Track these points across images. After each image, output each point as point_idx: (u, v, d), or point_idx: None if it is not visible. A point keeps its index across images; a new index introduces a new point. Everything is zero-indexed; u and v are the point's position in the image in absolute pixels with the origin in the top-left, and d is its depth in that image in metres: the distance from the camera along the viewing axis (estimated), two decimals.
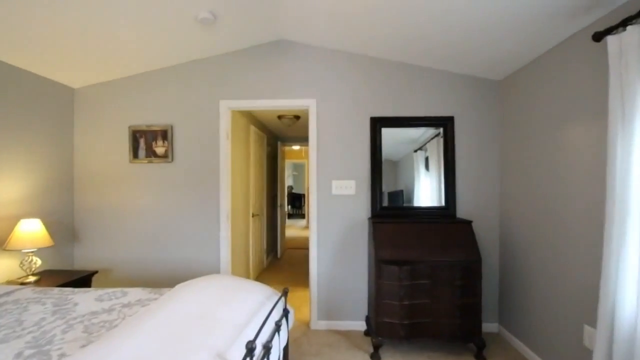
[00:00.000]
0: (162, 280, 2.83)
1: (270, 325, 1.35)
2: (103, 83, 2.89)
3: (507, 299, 2.57)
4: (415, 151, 2.82)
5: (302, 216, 11.05)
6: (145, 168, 2.85)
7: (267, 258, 5.01)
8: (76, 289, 1.73)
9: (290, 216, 11.15)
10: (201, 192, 2.81)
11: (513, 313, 2.48)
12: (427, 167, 2.80)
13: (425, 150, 2.84)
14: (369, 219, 2.63)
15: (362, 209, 2.75)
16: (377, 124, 2.74)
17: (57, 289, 1.73)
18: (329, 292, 2.76)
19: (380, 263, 2.27)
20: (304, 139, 6.09)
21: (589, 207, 1.74)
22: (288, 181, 11.32)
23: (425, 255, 2.27)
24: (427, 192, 2.77)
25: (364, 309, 2.74)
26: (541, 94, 2.17)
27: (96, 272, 2.51)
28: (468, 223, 2.43)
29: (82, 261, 2.89)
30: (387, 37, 2.39)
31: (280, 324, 1.35)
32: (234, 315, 1.14)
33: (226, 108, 2.79)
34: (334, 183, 2.76)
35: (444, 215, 2.68)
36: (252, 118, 4.10)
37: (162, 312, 1.09)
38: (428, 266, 2.25)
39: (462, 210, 2.71)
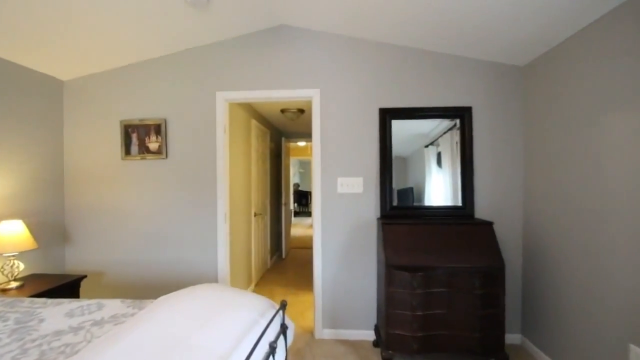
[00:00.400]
0: (157, 284, 2.66)
1: (263, 348, 1.14)
2: (93, 75, 2.71)
3: (532, 309, 2.32)
4: (427, 146, 2.57)
5: (309, 214, 10.86)
6: (138, 165, 2.68)
7: (271, 258, 4.83)
8: (49, 300, 1.56)
9: (296, 214, 10.97)
10: (197, 191, 2.63)
11: (539, 324, 2.23)
12: (439, 163, 2.56)
13: (437, 146, 2.60)
14: (378, 219, 2.41)
15: (371, 209, 2.52)
16: (387, 115, 2.50)
17: (28, 300, 1.56)
18: (334, 298, 2.55)
19: (390, 269, 2.05)
20: (309, 135, 5.87)
21: (635, 206, 1.48)
22: (294, 179, 11.13)
23: (441, 261, 2.04)
24: (439, 190, 2.53)
25: (372, 317, 2.53)
26: (573, 80, 1.90)
27: (84, 276, 2.34)
28: (489, 224, 2.19)
29: (73, 264, 2.74)
30: (397, 21, 2.15)
31: (275, 345, 1.14)
32: (215, 342, 0.94)
33: (223, 100, 2.59)
34: (340, 180, 2.54)
35: (460, 216, 2.44)
36: (253, 112, 3.90)
37: (128, 338, 0.90)
38: (444, 273, 2.02)
39: (481, 210, 2.46)
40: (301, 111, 3.94)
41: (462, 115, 2.48)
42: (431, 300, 2.01)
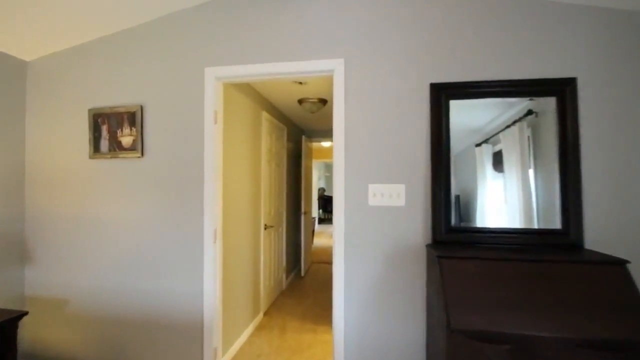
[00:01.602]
0: (129, 321, 2.04)
1: None
2: (60, 53, 2.17)
3: None
4: (478, 145, 1.74)
5: None
6: (108, 165, 2.08)
7: (287, 277, 4.13)
8: None
9: (321, 221, 10.26)
10: (181, 201, 1.98)
11: None
12: (497, 166, 1.72)
13: (494, 144, 1.76)
14: (429, 247, 1.61)
15: (417, 230, 1.73)
16: (442, 94, 1.71)
17: None
18: (362, 357, 1.78)
19: (455, 336, 1.25)
20: None
21: None
22: (319, 183, 10.45)
23: (542, 326, 1.21)
24: (499, 202, 1.69)
25: None
26: None
27: (25, 313, 1.75)
28: (621, 264, 1.32)
29: (34, 288, 2.19)
30: None
31: None
32: None
33: (213, 78, 1.93)
34: (372, 188, 1.77)
35: (558, 246, 1.58)
36: (264, 102, 3.23)
37: None
38: (549, 346, 1.19)
39: (596, 237, 1.58)
40: (323, 101, 3.22)
41: (559, 92, 1.63)
42: None
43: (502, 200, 1.72)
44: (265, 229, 3.17)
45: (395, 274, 1.75)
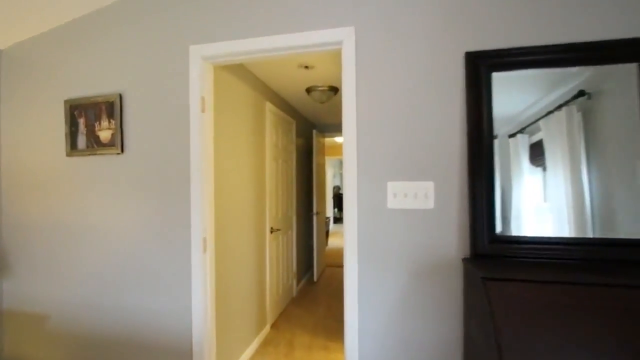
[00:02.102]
0: (111, 342, 1.78)
1: None
2: (35, 39, 1.93)
3: None
4: (512, 135, 1.35)
5: None
6: (86, 164, 1.82)
7: (298, 283, 3.82)
8: None
9: (336, 220, 9.92)
10: (166, 204, 1.69)
11: None
12: (537, 160, 1.33)
13: (530, 134, 1.36)
14: (468, 261, 1.24)
15: (450, 239, 1.37)
16: (482, 64, 1.33)
17: None
18: None
19: None
20: None
21: None
22: (334, 181, 10.11)
23: None
24: (536, 203, 1.30)
25: None
26: None
27: None
28: None
29: (12, 301, 1.97)
30: None
31: None
32: None
33: (199, 58, 1.62)
34: (392, 187, 1.42)
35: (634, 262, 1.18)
36: (267, 91, 2.92)
37: None
38: None
39: None
40: (333, 90, 2.87)
41: None
42: None
43: (542, 201, 1.34)
44: (271, 232, 2.87)
45: (420, 295, 1.39)
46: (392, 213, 1.42)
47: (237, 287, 2.22)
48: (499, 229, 1.30)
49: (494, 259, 1.25)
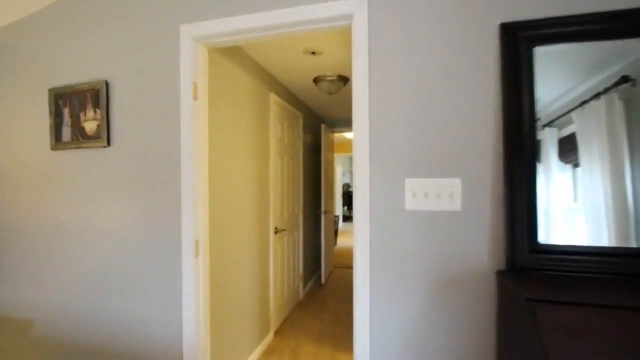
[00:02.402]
0: (103, 350, 1.63)
1: None
2: (17, 24, 1.78)
3: None
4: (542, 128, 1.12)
5: None
6: (72, 158, 1.67)
7: (305, 286, 3.64)
8: None
9: (345, 219, 9.71)
10: (154, 203, 1.52)
11: None
12: (567, 156, 1.11)
13: (559, 127, 1.13)
14: (504, 275, 1.03)
15: (481, 247, 1.15)
16: (522, 38, 1.11)
17: None
18: None
19: None
20: None
21: None
22: (343, 179, 9.89)
23: None
24: (566, 206, 1.08)
25: None
26: None
27: None
28: None
29: (4, 305, 1.84)
30: None
31: None
32: None
33: (190, 39, 1.44)
34: (411, 185, 1.21)
35: None
36: (271, 81, 2.73)
37: None
38: None
39: None
40: (343, 80, 2.66)
41: None
42: None
43: (572, 201, 1.11)
44: (275, 233, 2.69)
45: (442, 312, 1.18)
46: (410, 215, 1.21)
47: (236, 293, 2.05)
48: (542, 237, 1.07)
49: (534, 273, 1.03)
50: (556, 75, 1.12)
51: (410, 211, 1.21)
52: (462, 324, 1.16)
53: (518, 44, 1.10)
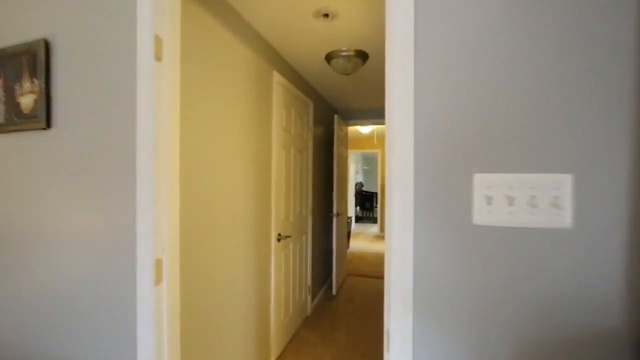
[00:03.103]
0: None
1: None
2: None
3: None
4: None
5: (374, 220, 8.99)
6: (7, 144, 1.27)
7: (313, 299, 3.20)
8: None
9: (358, 220, 9.22)
10: (106, 205, 1.10)
11: None
12: None
13: None
14: None
15: (607, 294, 0.67)
16: None
17: None
18: None
19: None
20: (378, 112, 4.11)
21: None
22: (356, 178, 9.41)
23: None
24: None
25: None
26: None
27: None
28: None
29: None
30: None
31: None
32: None
33: None
34: (483, 183, 0.74)
35: None
36: (275, 57, 2.26)
37: None
38: None
39: None
40: (361, 55, 2.19)
41: None
42: None
43: None
44: (278, 240, 2.25)
45: None
46: (483, 234, 0.75)
47: (225, 318, 1.62)
48: None
49: None
50: None
51: (482, 227, 0.75)
52: None
53: None
